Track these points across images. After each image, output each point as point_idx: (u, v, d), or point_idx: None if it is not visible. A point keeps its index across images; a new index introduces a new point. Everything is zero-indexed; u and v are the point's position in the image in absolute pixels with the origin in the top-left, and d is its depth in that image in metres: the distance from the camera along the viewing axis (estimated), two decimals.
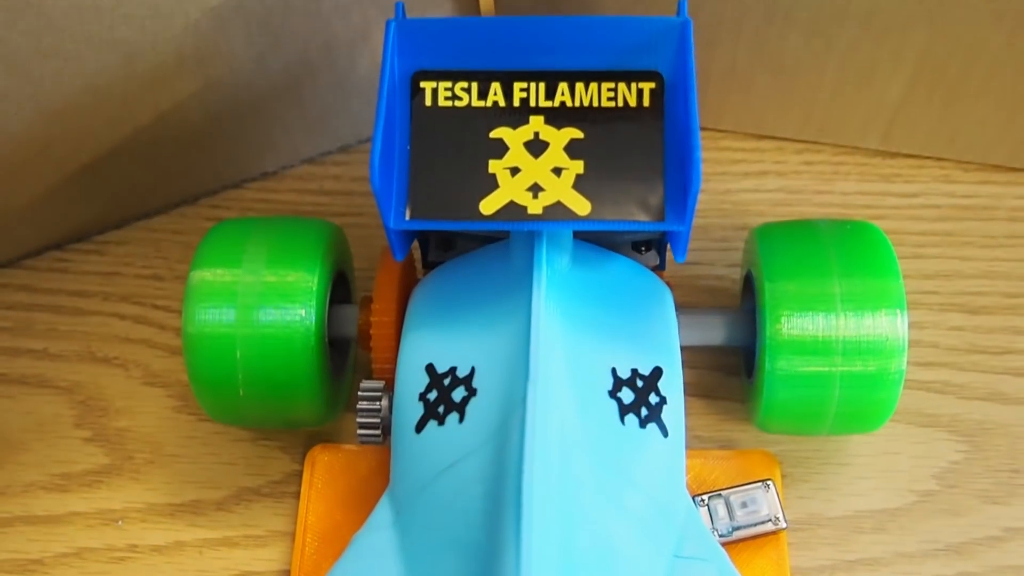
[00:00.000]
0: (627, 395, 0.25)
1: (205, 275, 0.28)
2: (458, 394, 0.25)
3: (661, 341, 0.26)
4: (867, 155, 0.36)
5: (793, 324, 0.27)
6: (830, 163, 0.36)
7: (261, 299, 0.27)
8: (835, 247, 0.27)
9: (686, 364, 0.31)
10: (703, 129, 0.36)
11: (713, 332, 0.29)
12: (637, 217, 0.24)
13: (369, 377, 0.29)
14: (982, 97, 0.32)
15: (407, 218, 0.25)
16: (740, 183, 0.35)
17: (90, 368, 0.33)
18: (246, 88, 0.32)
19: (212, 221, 0.35)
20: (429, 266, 0.30)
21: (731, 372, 0.32)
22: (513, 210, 0.24)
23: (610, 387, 0.25)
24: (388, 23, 0.25)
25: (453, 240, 0.30)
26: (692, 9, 0.31)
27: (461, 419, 0.24)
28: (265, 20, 0.30)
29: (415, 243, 0.30)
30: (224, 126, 0.33)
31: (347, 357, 0.31)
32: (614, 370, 0.25)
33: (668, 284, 0.29)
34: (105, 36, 0.28)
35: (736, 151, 0.36)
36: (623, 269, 0.28)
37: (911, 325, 0.32)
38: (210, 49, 0.30)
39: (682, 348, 0.28)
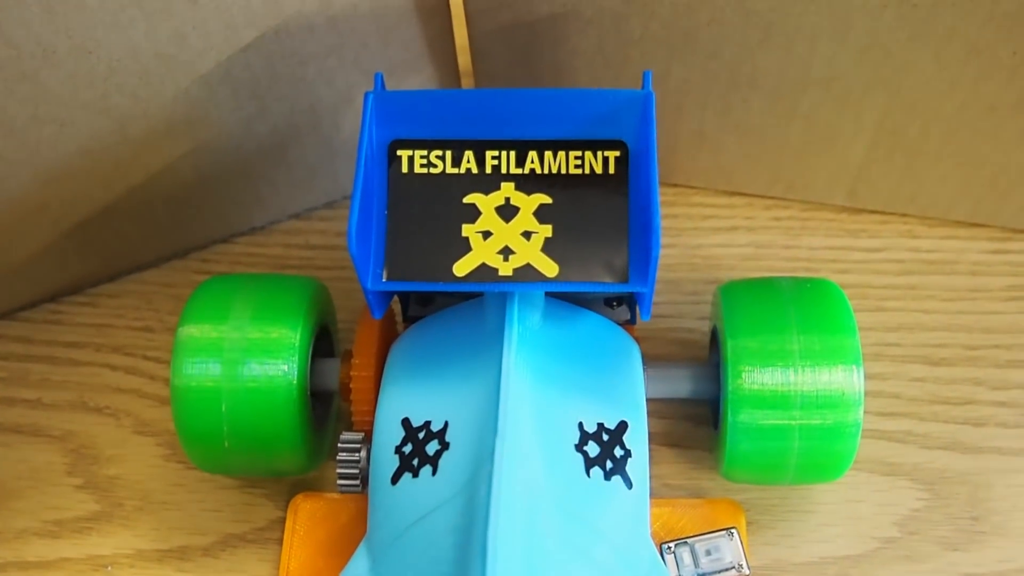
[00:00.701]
0: (593, 448, 0.26)
1: (192, 331, 0.29)
2: (432, 447, 0.26)
3: (627, 396, 0.27)
4: (834, 211, 0.37)
5: (753, 378, 0.28)
6: (798, 218, 0.37)
7: (246, 354, 0.28)
8: (794, 305, 0.29)
9: (657, 414, 0.33)
10: (676, 186, 0.38)
11: (681, 385, 0.30)
12: (602, 279, 0.26)
13: (350, 428, 0.30)
14: (941, 157, 0.34)
15: (384, 280, 0.26)
16: (711, 238, 0.37)
17: (82, 417, 0.34)
18: (234, 150, 0.33)
19: (202, 275, 0.36)
20: (409, 320, 0.31)
21: (700, 422, 0.33)
22: (485, 272, 0.26)
23: (576, 441, 0.26)
24: (367, 95, 0.26)
25: (432, 296, 0.31)
26: (661, 76, 0.32)
27: (434, 472, 0.25)
28: (252, 87, 0.32)
29: (395, 298, 0.31)
30: (213, 185, 0.34)
31: (330, 408, 0.32)
32: (581, 424, 0.26)
33: (636, 339, 0.30)
34: (99, 103, 0.30)
35: (707, 207, 0.37)
36: (592, 325, 0.29)
37: (874, 376, 0.33)
38: (199, 115, 0.31)
39: (651, 400, 0.29)
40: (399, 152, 0.27)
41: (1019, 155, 0.33)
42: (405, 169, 0.26)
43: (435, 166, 0.26)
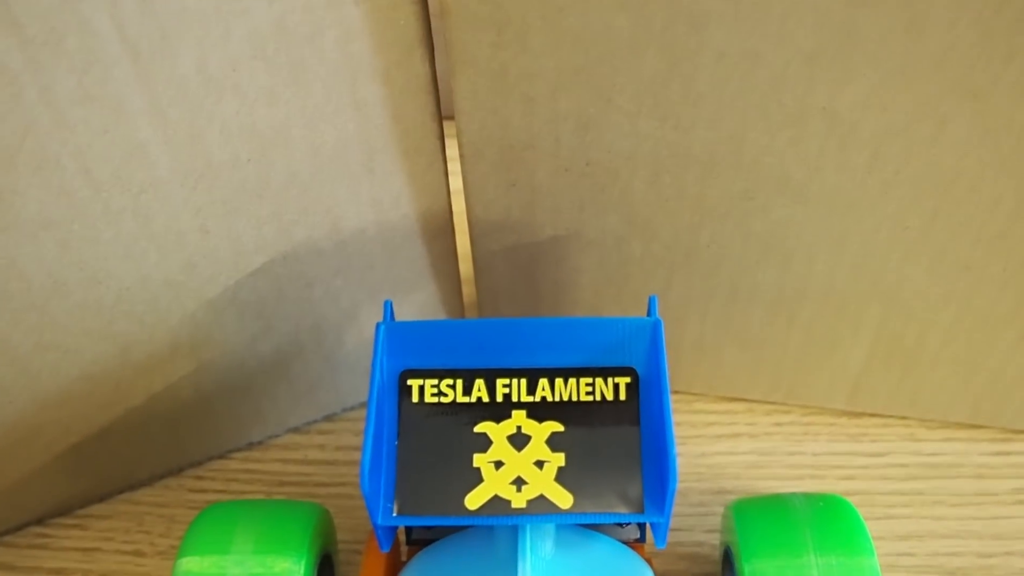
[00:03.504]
0: None
1: (192, 564, 0.28)
2: None
3: None
4: (835, 415, 0.37)
5: None
6: (799, 423, 0.37)
7: None
8: (809, 525, 0.28)
9: None
10: (676, 392, 0.38)
11: None
12: (617, 509, 0.25)
13: None
14: (938, 363, 0.34)
15: (394, 515, 0.25)
16: (714, 446, 0.36)
17: None
18: (237, 368, 0.33)
19: (196, 492, 0.36)
20: (413, 543, 0.30)
21: None
22: (497, 504, 0.25)
23: None
24: (378, 326, 0.26)
25: None
26: (661, 290, 0.33)
27: None
28: (259, 308, 0.32)
29: None
30: (213, 403, 0.34)
31: None
32: None
33: (648, 561, 0.29)
34: (104, 330, 0.30)
35: (709, 413, 0.37)
36: (604, 551, 0.28)
37: None
38: (204, 337, 0.31)
39: None
40: (409, 382, 0.26)
41: (1015, 360, 0.33)
42: (416, 399, 0.26)
43: (446, 395, 0.26)
